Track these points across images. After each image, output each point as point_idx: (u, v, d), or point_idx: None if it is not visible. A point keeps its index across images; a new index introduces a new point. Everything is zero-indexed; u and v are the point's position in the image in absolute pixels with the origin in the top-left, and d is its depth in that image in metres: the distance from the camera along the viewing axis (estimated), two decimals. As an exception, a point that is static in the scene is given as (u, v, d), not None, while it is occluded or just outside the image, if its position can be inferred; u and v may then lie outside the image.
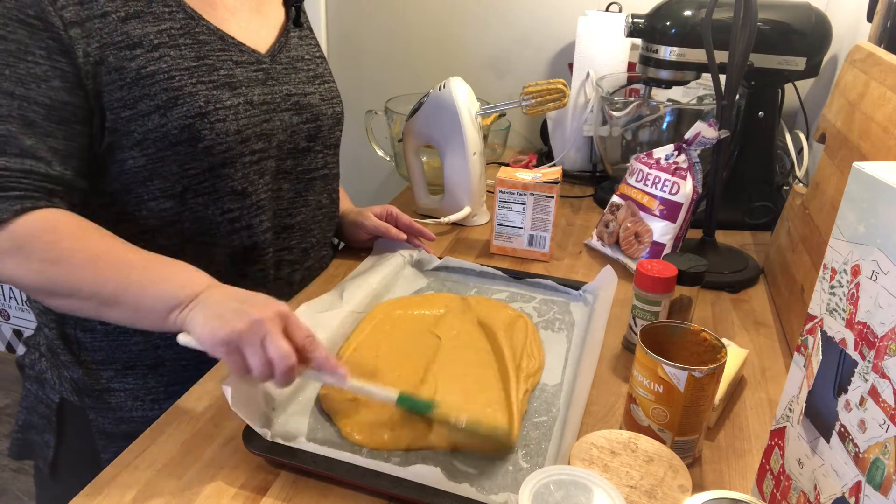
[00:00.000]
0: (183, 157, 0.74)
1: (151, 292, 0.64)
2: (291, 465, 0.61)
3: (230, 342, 0.60)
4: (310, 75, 0.88)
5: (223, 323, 0.60)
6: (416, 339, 0.79)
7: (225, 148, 0.75)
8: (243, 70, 0.79)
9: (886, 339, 0.41)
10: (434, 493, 0.57)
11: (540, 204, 1.01)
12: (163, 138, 0.72)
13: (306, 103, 0.86)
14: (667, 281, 0.76)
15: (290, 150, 0.85)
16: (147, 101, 0.71)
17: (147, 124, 0.71)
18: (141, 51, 0.71)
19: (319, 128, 0.88)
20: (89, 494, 0.58)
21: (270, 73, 0.82)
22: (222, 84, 0.76)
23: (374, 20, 1.66)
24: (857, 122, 0.82)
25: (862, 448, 0.43)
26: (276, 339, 0.59)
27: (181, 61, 0.73)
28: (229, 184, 0.77)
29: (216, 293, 0.64)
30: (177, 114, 0.72)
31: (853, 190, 0.45)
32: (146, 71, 0.71)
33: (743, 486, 0.63)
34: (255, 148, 0.79)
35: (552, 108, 1.04)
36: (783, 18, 1.09)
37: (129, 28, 0.70)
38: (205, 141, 0.74)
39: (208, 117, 0.74)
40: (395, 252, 0.98)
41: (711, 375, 0.60)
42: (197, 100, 0.73)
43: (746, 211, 1.16)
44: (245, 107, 0.77)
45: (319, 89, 0.88)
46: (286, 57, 0.85)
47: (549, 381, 0.74)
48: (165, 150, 0.73)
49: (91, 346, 0.80)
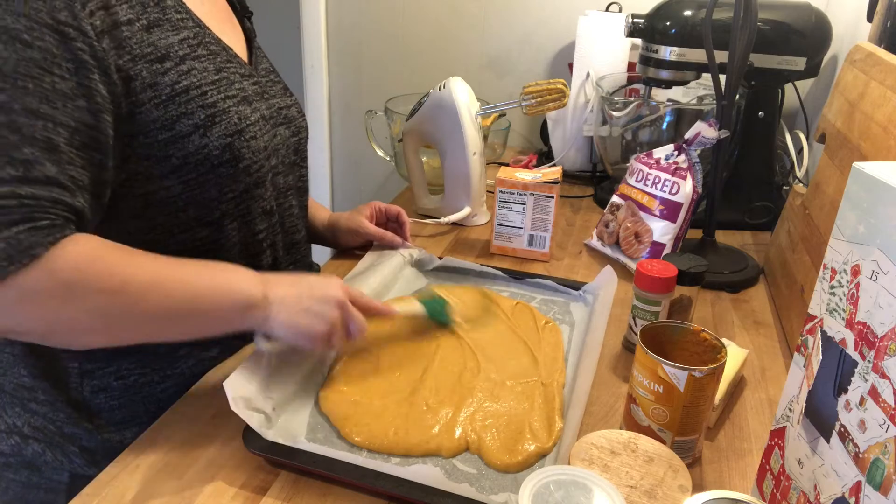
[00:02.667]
0: (223, 181, 0.70)
1: (224, 297, 0.63)
2: (291, 465, 0.61)
3: (317, 340, 0.66)
4: (281, 87, 0.85)
5: (307, 324, 0.65)
6: (416, 338, 0.79)
7: (259, 166, 0.74)
8: (248, 83, 0.76)
9: (886, 339, 0.41)
10: (434, 493, 0.57)
11: (540, 204, 1.01)
12: (204, 161, 0.67)
13: (291, 116, 0.84)
14: (667, 281, 0.76)
15: (287, 164, 0.83)
16: (186, 119, 0.65)
17: (187, 146, 0.66)
18: (171, 63, 0.65)
19: (300, 141, 0.86)
20: (90, 494, 0.58)
21: (261, 85, 0.79)
22: (241, 98, 0.73)
23: (374, 20, 1.66)
24: (857, 122, 0.82)
25: (862, 448, 0.43)
26: (356, 319, 0.68)
27: (206, 75, 0.68)
28: (260, 204, 0.76)
29: (282, 289, 0.66)
30: (217, 132, 0.68)
31: (853, 190, 0.45)
32: (180, 87, 0.65)
33: (743, 486, 0.63)
34: (273, 164, 0.78)
35: (552, 108, 1.04)
36: (783, 18, 1.09)
37: (154, 38, 0.64)
38: (244, 160, 0.71)
39: (244, 134, 0.71)
40: (394, 251, 0.97)
41: (711, 375, 0.60)
42: (231, 116, 0.70)
43: (746, 211, 1.16)
44: (262, 122, 0.75)
45: (292, 101, 0.86)
46: (262, 69, 0.82)
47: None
48: (207, 174, 0.68)
49: (107, 406, 0.72)
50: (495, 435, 0.64)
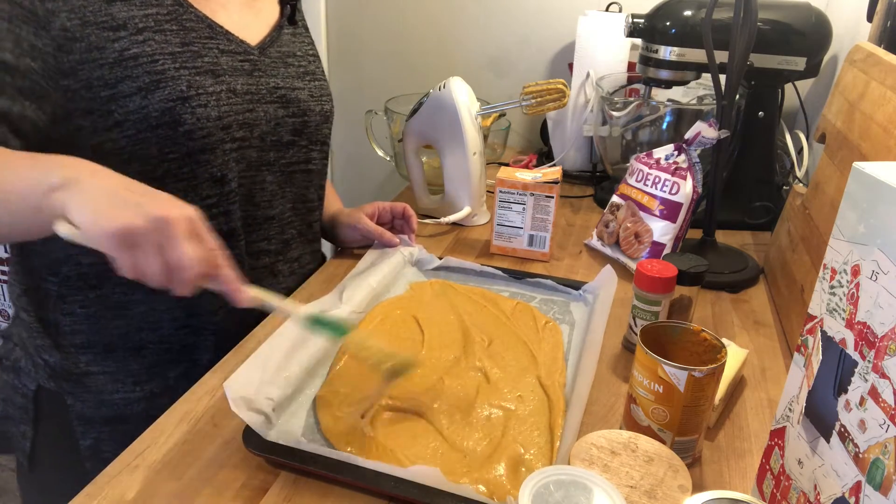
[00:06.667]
0: (163, 141, 0.74)
1: (24, 172, 0.57)
2: (291, 465, 0.61)
3: (124, 237, 0.52)
4: (300, 71, 0.89)
5: (116, 213, 0.52)
6: (416, 338, 0.79)
7: (205, 133, 0.75)
8: (229, 59, 0.79)
9: (886, 339, 0.41)
10: (434, 493, 0.57)
11: (540, 204, 1.01)
12: (143, 120, 0.72)
13: (294, 98, 0.86)
14: (667, 281, 0.76)
15: (273, 142, 0.85)
16: (129, 82, 0.71)
17: (128, 105, 0.71)
18: (125, 33, 0.71)
19: (306, 123, 0.88)
20: (89, 494, 0.58)
21: (258, 65, 0.83)
22: (206, 70, 0.76)
23: (374, 20, 1.66)
24: (857, 122, 0.82)
25: (862, 448, 0.43)
26: (180, 244, 0.53)
27: (165, 46, 0.73)
28: (208, 170, 0.77)
29: (106, 178, 0.56)
30: (158, 97, 0.72)
31: (853, 190, 0.45)
32: (129, 53, 0.71)
33: (743, 486, 0.63)
34: (237, 136, 0.79)
35: (552, 108, 1.04)
36: (783, 18, 1.09)
37: (115, 10, 0.71)
38: (185, 125, 0.74)
39: (190, 102, 0.74)
40: (395, 250, 0.97)
41: (711, 375, 0.60)
42: (179, 84, 0.73)
43: (746, 211, 1.16)
44: (227, 94, 0.78)
45: (309, 85, 0.89)
46: (277, 52, 0.86)
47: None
48: (146, 132, 0.73)
49: (70, 329, 0.80)
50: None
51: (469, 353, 0.77)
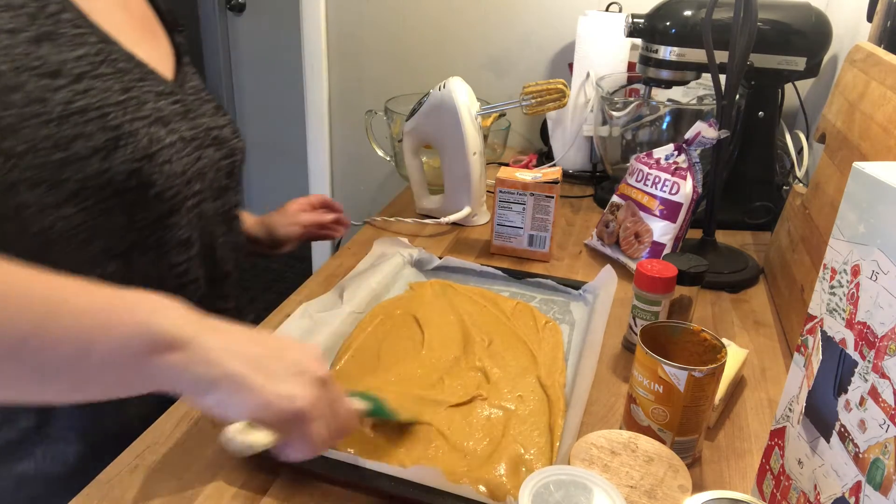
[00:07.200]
0: (132, 208, 0.64)
1: (117, 322, 0.43)
2: (291, 465, 0.61)
3: (304, 415, 0.45)
4: (214, 106, 0.79)
5: (280, 388, 0.45)
6: (416, 338, 0.79)
7: (174, 193, 0.68)
8: (166, 102, 0.70)
9: (886, 339, 0.41)
10: (434, 493, 0.57)
11: (540, 204, 1.01)
12: (106, 186, 0.62)
13: (223, 137, 0.77)
14: (667, 281, 0.76)
15: (216, 189, 0.76)
16: (83, 141, 0.60)
17: (86, 170, 0.60)
18: (64, 81, 0.59)
19: (235, 163, 0.80)
20: (89, 495, 0.58)
21: (186, 104, 0.73)
22: (155, 119, 0.67)
23: (374, 20, 1.66)
24: (857, 122, 0.82)
25: (862, 448, 0.43)
26: (346, 407, 0.50)
27: (109, 94, 0.63)
28: (176, 234, 0.69)
29: (226, 335, 0.47)
30: (121, 157, 0.62)
31: (853, 190, 0.45)
32: (75, 106, 0.60)
33: (743, 486, 0.63)
34: (195, 190, 0.72)
35: (552, 108, 1.04)
36: (783, 18, 1.09)
37: (44, 52, 0.59)
38: (156, 186, 0.65)
39: (155, 159, 0.65)
40: (394, 252, 0.98)
41: (711, 375, 0.60)
42: (139, 139, 0.64)
43: (746, 211, 1.16)
44: (181, 144, 0.70)
45: (226, 122, 0.80)
46: (191, 87, 0.76)
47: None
48: (110, 200, 0.62)
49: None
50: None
51: (469, 353, 0.77)
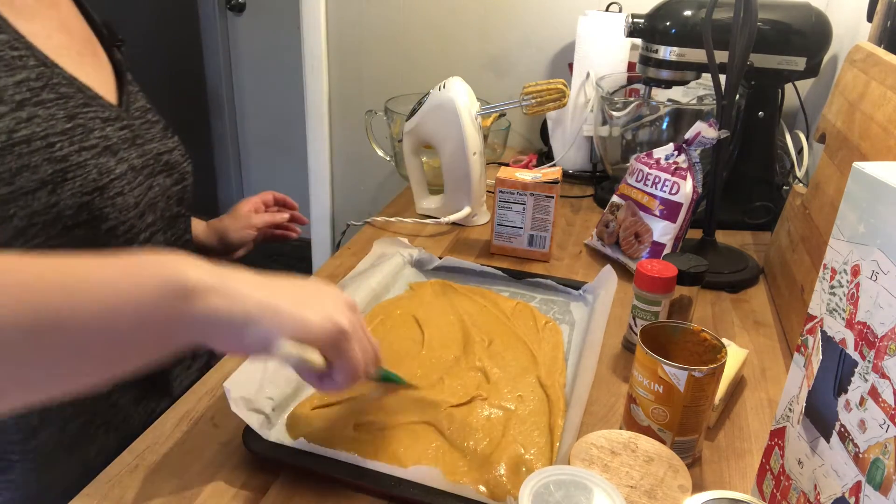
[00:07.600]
0: (82, 243, 0.60)
1: (145, 279, 0.42)
2: (291, 465, 0.61)
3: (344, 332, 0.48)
4: (162, 128, 0.75)
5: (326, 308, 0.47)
6: (416, 338, 0.79)
7: (128, 227, 0.64)
8: (113, 129, 0.66)
9: (886, 339, 0.41)
10: (434, 493, 0.57)
11: (540, 204, 1.01)
12: (55, 222, 0.58)
13: (173, 161, 0.73)
14: (667, 281, 0.76)
15: (168, 219, 0.73)
16: (28, 174, 0.56)
17: (32, 205, 0.57)
18: (5, 108, 0.56)
19: (185, 189, 0.76)
20: (89, 495, 0.58)
21: (134, 129, 0.69)
22: (102, 149, 0.63)
23: (374, 20, 1.66)
24: (857, 122, 0.82)
25: (862, 448, 0.43)
26: (371, 339, 0.52)
27: (54, 123, 0.59)
28: None
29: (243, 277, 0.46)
30: (69, 190, 0.59)
31: (853, 190, 0.45)
32: (19, 136, 0.56)
33: (743, 486, 0.63)
34: (148, 221, 0.68)
35: (552, 108, 1.04)
36: (783, 18, 1.09)
37: None
38: (108, 220, 0.62)
39: (107, 191, 0.62)
40: (394, 252, 0.98)
41: (711, 375, 0.60)
42: (88, 171, 0.60)
43: (746, 211, 1.16)
44: (131, 174, 0.66)
45: (175, 145, 0.75)
46: (136, 108, 0.72)
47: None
48: (58, 238, 0.59)
49: None
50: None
51: (469, 353, 0.77)
